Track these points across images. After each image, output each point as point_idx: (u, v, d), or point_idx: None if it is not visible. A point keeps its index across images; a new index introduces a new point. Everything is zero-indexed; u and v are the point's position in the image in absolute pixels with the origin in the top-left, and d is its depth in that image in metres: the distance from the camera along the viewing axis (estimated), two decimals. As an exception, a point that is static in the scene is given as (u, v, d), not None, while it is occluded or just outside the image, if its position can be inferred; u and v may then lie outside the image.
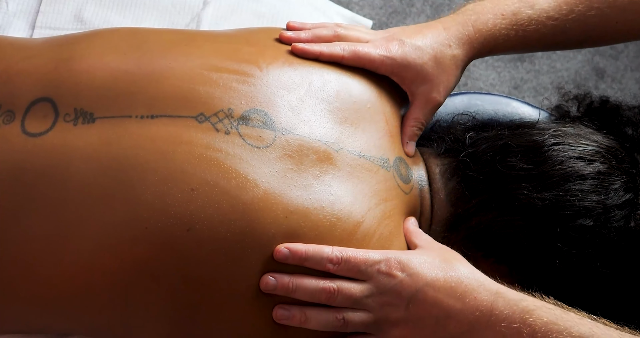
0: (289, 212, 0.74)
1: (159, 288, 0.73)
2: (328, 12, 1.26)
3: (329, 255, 0.74)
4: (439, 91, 0.89)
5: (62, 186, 0.73)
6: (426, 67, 0.87)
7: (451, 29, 0.90)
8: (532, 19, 0.90)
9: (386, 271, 0.74)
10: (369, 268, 0.74)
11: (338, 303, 0.74)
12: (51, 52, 0.82)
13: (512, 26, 0.90)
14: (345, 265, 0.74)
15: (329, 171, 0.78)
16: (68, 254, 0.73)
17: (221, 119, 0.77)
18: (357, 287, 0.74)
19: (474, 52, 0.91)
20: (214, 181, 0.73)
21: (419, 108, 0.89)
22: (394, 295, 0.73)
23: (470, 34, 0.90)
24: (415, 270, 0.74)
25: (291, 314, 0.74)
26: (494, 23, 0.90)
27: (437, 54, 0.88)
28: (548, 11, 0.90)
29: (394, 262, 0.74)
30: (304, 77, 0.83)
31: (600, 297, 0.84)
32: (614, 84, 2.06)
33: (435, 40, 0.89)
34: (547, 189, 0.81)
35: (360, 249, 0.75)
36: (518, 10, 0.90)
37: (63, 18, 1.12)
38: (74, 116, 0.77)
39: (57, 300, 0.75)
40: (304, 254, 0.73)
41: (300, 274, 0.74)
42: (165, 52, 0.82)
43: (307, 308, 0.74)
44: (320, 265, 0.74)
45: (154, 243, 0.72)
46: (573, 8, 0.90)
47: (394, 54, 0.87)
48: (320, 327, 0.74)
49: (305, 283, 0.74)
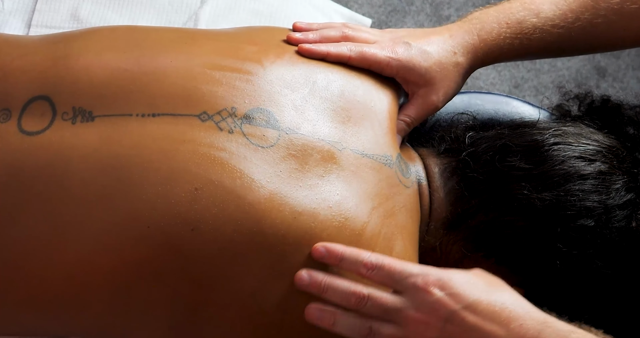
0: (297, 213, 0.74)
1: (161, 289, 0.73)
2: (326, 11, 1.27)
3: (365, 260, 0.72)
4: (439, 96, 0.89)
5: (60, 185, 0.73)
6: (430, 71, 0.88)
7: (457, 36, 0.90)
8: (537, 28, 0.90)
9: (423, 287, 0.70)
10: (404, 279, 0.71)
11: (367, 310, 0.72)
12: (48, 50, 0.82)
13: (516, 35, 0.90)
14: (379, 272, 0.72)
15: (333, 171, 0.78)
16: (66, 254, 0.73)
17: (224, 118, 0.77)
18: (389, 297, 0.71)
19: (477, 61, 0.91)
20: (218, 180, 0.73)
21: (414, 107, 0.89)
22: (430, 313, 0.70)
23: (475, 43, 0.90)
24: (456, 289, 0.70)
25: (322, 316, 0.73)
26: (499, 32, 0.90)
27: (442, 59, 0.89)
28: (553, 19, 0.90)
29: (432, 279, 0.70)
30: (308, 76, 0.83)
31: (601, 298, 0.84)
32: (616, 83, 2.07)
33: (441, 46, 0.89)
34: (548, 190, 0.82)
35: (398, 260, 0.73)
36: (523, 18, 0.90)
37: (59, 16, 1.12)
38: (72, 115, 0.77)
39: (54, 302, 0.75)
40: (341, 255, 0.73)
41: (334, 275, 0.73)
42: (165, 50, 0.82)
43: (338, 312, 0.73)
44: (355, 267, 0.73)
45: (157, 243, 0.72)
46: (579, 16, 0.90)
47: (400, 56, 0.87)
48: (346, 332, 0.73)
49: (337, 283, 0.73)
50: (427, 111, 0.90)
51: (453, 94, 0.92)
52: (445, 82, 0.89)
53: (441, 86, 0.89)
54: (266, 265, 0.73)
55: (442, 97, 0.90)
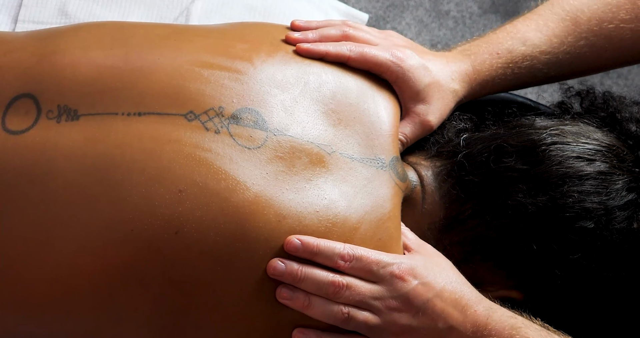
0: (282, 216, 0.74)
1: (145, 293, 0.73)
2: (322, 6, 1.26)
3: (341, 251, 0.74)
4: (435, 117, 0.89)
5: (44, 185, 0.73)
6: (428, 89, 0.88)
7: (453, 64, 0.91)
8: (526, 55, 0.92)
9: (399, 275, 0.75)
10: (382, 269, 0.75)
11: (344, 300, 0.74)
12: (33, 47, 0.82)
13: (507, 65, 0.92)
14: (356, 263, 0.74)
15: (322, 175, 0.78)
16: (50, 256, 0.73)
17: (211, 118, 0.77)
18: (366, 286, 0.75)
19: (471, 92, 0.92)
20: (203, 182, 0.73)
21: (410, 125, 0.88)
22: (405, 302, 0.75)
23: (469, 73, 0.91)
24: (426, 278, 0.76)
25: (295, 295, 0.74)
26: (491, 63, 0.91)
27: (441, 81, 0.89)
28: (540, 46, 0.92)
29: (405, 267, 0.76)
30: (299, 76, 0.83)
31: (601, 301, 0.84)
32: (620, 80, 2.06)
33: (441, 69, 0.90)
34: (545, 191, 0.82)
35: (371, 249, 0.76)
36: (512, 47, 0.92)
37: (47, 12, 1.12)
38: (57, 113, 0.77)
39: (39, 305, 0.75)
40: (316, 247, 0.74)
41: (310, 265, 0.74)
42: (153, 47, 0.82)
43: (313, 295, 0.74)
44: (331, 260, 0.74)
45: (140, 246, 0.72)
46: (563, 40, 0.93)
47: (402, 62, 0.87)
48: (322, 317, 0.74)
49: (314, 273, 0.74)
50: (423, 131, 0.89)
51: (444, 119, 0.91)
52: (442, 105, 0.89)
53: (437, 107, 0.89)
54: (247, 269, 0.73)
55: (436, 120, 0.89)
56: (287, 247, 0.73)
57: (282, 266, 0.73)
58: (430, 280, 0.76)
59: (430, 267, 0.77)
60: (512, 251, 0.84)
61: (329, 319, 0.75)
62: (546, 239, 0.82)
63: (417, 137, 0.90)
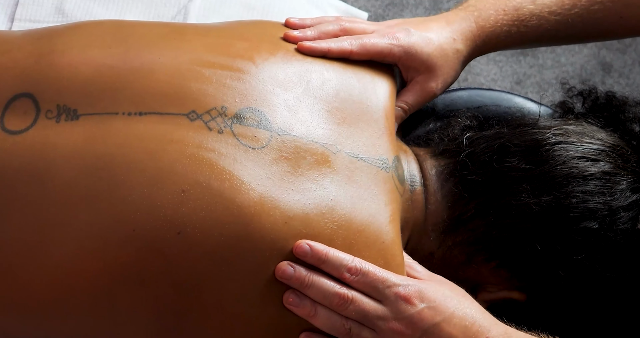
0: (288, 218, 0.74)
1: (146, 294, 0.73)
2: (321, 4, 1.26)
3: (349, 264, 0.74)
4: (437, 83, 0.90)
5: (44, 186, 0.73)
6: (432, 57, 0.89)
7: (454, 24, 0.91)
8: (533, 14, 0.92)
9: (405, 297, 0.73)
10: (387, 289, 0.74)
11: (347, 313, 0.74)
12: (31, 46, 0.82)
13: (513, 22, 0.91)
14: (362, 278, 0.74)
15: (327, 175, 0.78)
16: (49, 257, 0.73)
17: (214, 118, 0.77)
18: (371, 304, 0.74)
19: (476, 49, 0.93)
20: (206, 182, 0.73)
21: (411, 93, 0.90)
22: (409, 325, 0.73)
23: (473, 30, 0.91)
24: (435, 302, 0.74)
25: (302, 303, 0.74)
26: (496, 19, 0.91)
27: (442, 45, 0.90)
28: (550, 6, 0.92)
29: (412, 290, 0.74)
30: (301, 75, 0.83)
31: (605, 302, 0.84)
32: (621, 80, 2.07)
33: (441, 33, 0.90)
34: (549, 191, 0.82)
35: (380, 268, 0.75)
36: (520, 5, 0.92)
37: (44, 10, 1.12)
38: (56, 113, 0.77)
39: (37, 307, 0.75)
40: (324, 255, 0.73)
41: (318, 272, 0.74)
42: (153, 46, 0.82)
43: (319, 305, 0.74)
44: (338, 271, 0.74)
45: (142, 247, 0.72)
46: (576, 2, 0.92)
47: (402, 42, 0.88)
48: (325, 327, 0.74)
49: (321, 281, 0.74)
50: (425, 97, 0.91)
51: (451, 82, 0.93)
52: (445, 69, 0.90)
53: (441, 72, 0.90)
54: (252, 270, 0.73)
55: (440, 85, 0.91)
56: (296, 251, 0.73)
57: (291, 270, 0.73)
58: (438, 305, 0.74)
59: (440, 291, 0.75)
60: (515, 251, 0.84)
61: (332, 331, 0.74)
62: (550, 239, 0.82)
63: (420, 104, 0.91)
